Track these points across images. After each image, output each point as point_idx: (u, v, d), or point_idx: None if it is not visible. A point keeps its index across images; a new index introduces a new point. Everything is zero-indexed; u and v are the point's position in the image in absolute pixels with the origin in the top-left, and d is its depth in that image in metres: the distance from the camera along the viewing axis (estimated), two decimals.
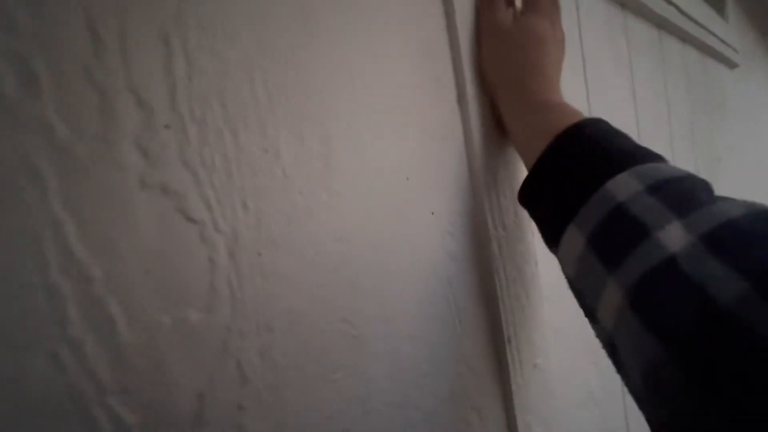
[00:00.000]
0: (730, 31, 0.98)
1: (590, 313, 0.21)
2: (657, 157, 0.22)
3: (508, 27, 0.27)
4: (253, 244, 0.17)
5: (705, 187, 0.20)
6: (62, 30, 0.13)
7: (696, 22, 0.74)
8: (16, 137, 0.12)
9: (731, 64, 1.01)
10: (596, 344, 0.23)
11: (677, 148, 0.69)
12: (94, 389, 0.13)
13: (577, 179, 0.22)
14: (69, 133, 0.13)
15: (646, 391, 0.17)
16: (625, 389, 0.21)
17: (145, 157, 0.15)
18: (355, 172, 0.21)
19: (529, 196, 0.25)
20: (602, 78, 0.48)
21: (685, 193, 0.19)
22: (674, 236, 0.17)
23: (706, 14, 0.81)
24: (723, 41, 0.90)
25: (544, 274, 0.33)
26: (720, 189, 0.20)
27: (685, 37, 0.74)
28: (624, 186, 0.20)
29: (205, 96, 0.16)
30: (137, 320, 0.14)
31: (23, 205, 0.12)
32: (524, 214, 0.32)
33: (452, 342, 0.26)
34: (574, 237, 0.21)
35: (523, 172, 0.32)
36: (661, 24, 0.65)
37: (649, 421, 0.17)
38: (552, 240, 0.24)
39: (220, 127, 0.17)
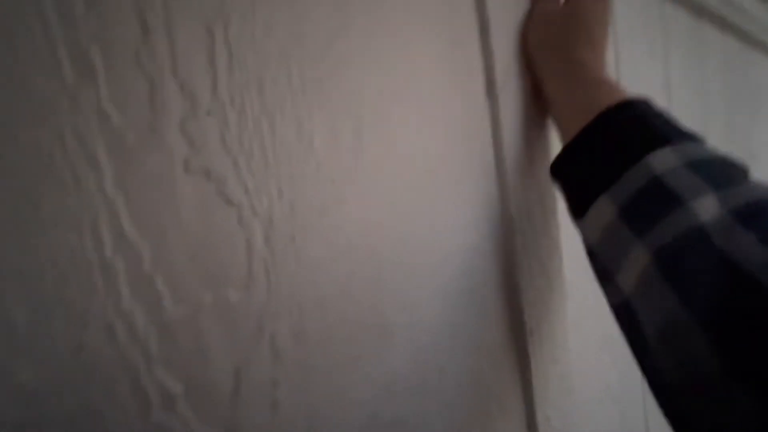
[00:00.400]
0: None
1: (608, 277, 0.22)
2: (699, 139, 0.22)
3: (560, 7, 0.28)
4: (287, 230, 0.18)
5: (742, 169, 0.20)
6: (115, 20, 0.14)
7: (738, 7, 0.70)
8: (76, 123, 0.13)
9: None
10: (616, 341, 0.22)
11: (710, 143, 0.66)
12: (143, 360, 0.14)
13: (618, 152, 0.22)
14: (121, 120, 0.14)
15: (660, 346, 0.17)
16: (645, 387, 0.21)
17: (189, 142, 0.16)
18: (384, 164, 0.22)
19: (564, 167, 0.26)
20: (635, 67, 0.46)
21: (721, 172, 0.20)
22: (707, 207, 0.18)
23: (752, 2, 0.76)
24: (766, 28, 0.85)
25: (567, 269, 0.33)
26: None
27: (725, 25, 0.71)
28: (663, 161, 0.20)
29: (245, 85, 0.17)
30: (181, 297, 0.15)
31: (81, 187, 0.13)
32: (550, 208, 0.31)
33: (474, 334, 0.26)
34: (605, 206, 0.22)
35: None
36: (701, 11, 0.62)
37: (654, 383, 0.18)
38: (579, 210, 0.24)
39: (258, 115, 0.17)
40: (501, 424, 0.28)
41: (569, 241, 0.33)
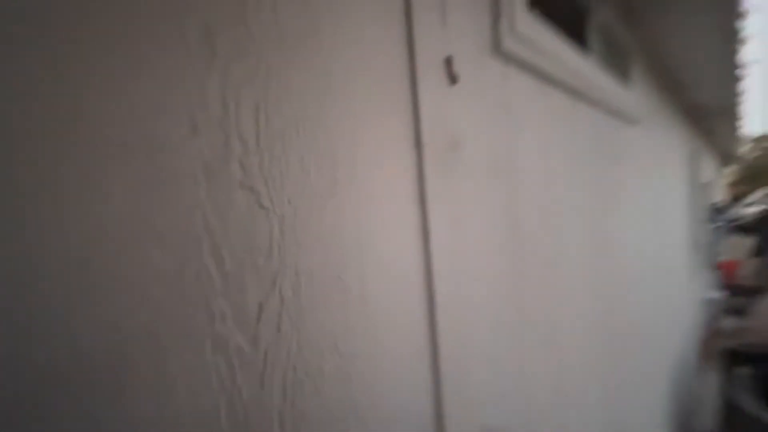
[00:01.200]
0: (632, 94, 1.24)
1: None
2: None
3: None
4: (292, 225, 0.30)
5: None
6: (209, 102, 0.25)
7: (604, 89, 0.96)
8: (189, 160, 0.24)
9: (633, 122, 1.27)
10: (502, 324, 0.36)
11: (579, 193, 0.89)
12: (212, 293, 0.25)
13: None
14: (211, 156, 0.25)
15: None
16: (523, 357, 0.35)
17: (243, 170, 0.27)
18: (352, 188, 0.34)
19: None
20: (526, 135, 0.65)
21: None
22: None
23: (612, 83, 1.04)
24: (626, 103, 1.15)
25: (475, 270, 0.48)
26: (614, 221, 0.35)
27: (594, 102, 0.96)
28: None
29: (274, 137, 0.29)
30: (234, 261, 0.26)
31: (187, 198, 0.24)
32: (463, 222, 0.46)
33: (408, 311, 0.39)
34: None
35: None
36: (575, 92, 0.85)
37: None
38: None
39: (280, 155, 0.29)
40: (414, 363, 0.41)
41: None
